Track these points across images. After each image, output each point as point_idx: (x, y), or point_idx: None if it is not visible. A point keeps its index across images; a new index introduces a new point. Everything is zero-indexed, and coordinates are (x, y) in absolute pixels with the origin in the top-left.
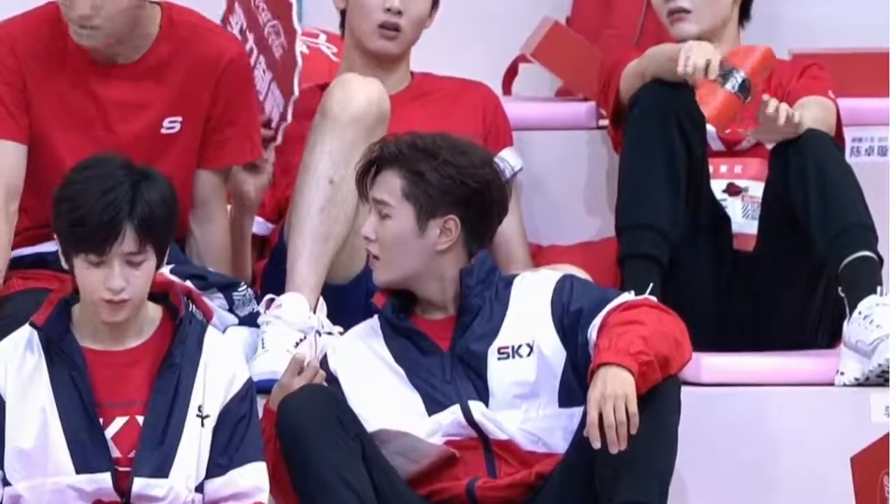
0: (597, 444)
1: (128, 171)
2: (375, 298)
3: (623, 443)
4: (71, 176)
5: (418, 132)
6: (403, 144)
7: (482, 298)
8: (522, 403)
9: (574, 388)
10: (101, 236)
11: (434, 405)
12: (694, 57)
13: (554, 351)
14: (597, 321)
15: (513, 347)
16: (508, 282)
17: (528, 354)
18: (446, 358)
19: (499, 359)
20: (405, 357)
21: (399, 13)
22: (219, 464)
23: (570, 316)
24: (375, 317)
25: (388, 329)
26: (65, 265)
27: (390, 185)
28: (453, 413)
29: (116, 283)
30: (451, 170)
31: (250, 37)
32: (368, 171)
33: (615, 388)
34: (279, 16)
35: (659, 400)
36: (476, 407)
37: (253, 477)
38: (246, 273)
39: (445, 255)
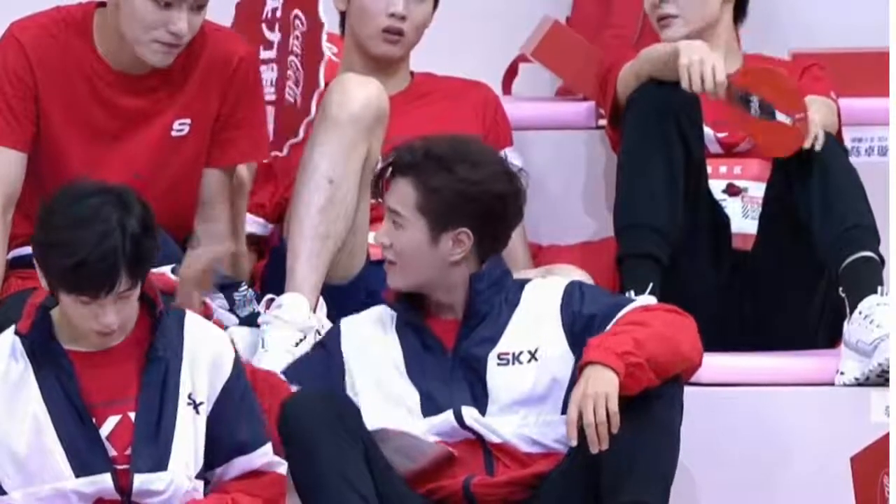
0: (573, 443)
1: (111, 204)
2: (386, 294)
3: (604, 443)
4: (54, 216)
5: (434, 137)
6: (419, 152)
7: (490, 304)
8: (521, 409)
9: None
10: (99, 284)
11: (430, 407)
12: (697, 69)
13: (561, 358)
14: (611, 326)
15: (513, 354)
16: (521, 286)
17: (528, 361)
18: (448, 359)
19: (498, 364)
20: (411, 353)
21: (403, 18)
22: (230, 450)
23: (582, 321)
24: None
25: (400, 322)
26: (45, 286)
27: (404, 195)
28: (446, 418)
29: (109, 320)
30: (465, 185)
31: (277, 25)
32: (383, 176)
33: (596, 387)
34: (304, 9)
35: (660, 401)
36: (468, 412)
37: (264, 455)
38: (241, 248)
39: (458, 265)
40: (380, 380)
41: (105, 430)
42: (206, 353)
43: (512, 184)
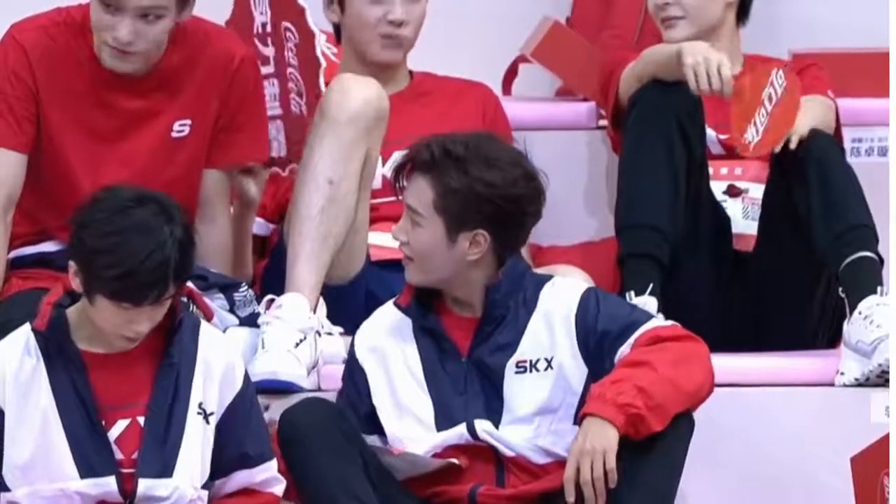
0: (570, 499)
1: (157, 213)
2: (400, 298)
3: (601, 499)
4: (99, 223)
5: (454, 135)
6: (437, 150)
7: (507, 308)
8: (536, 418)
9: None
10: (146, 293)
11: (444, 421)
12: (703, 69)
13: (575, 368)
14: (625, 349)
15: (530, 362)
16: (539, 284)
17: (546, 369)
18: (463, 365)
19: (516, 373)
20: (429, 360)
21: (401, 24)
22: (234, 463)
23: (595, 337)
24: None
25: (416, 328)
26: (77, 287)
27: (421, 193)
28: (460, 431)
29: (143, 328)
30: (480, 187)
31: (270, 41)
32: (402, 171)
33: (594, 443)
34: (293, 21)
35: (666, 437)
36: (481, 426)
37: (266, 470)
38: (247, 270)
39: (476, 264)
40: (395, 390)
41: (113, 434)
42: (219, 363)
43: (528, 186)
